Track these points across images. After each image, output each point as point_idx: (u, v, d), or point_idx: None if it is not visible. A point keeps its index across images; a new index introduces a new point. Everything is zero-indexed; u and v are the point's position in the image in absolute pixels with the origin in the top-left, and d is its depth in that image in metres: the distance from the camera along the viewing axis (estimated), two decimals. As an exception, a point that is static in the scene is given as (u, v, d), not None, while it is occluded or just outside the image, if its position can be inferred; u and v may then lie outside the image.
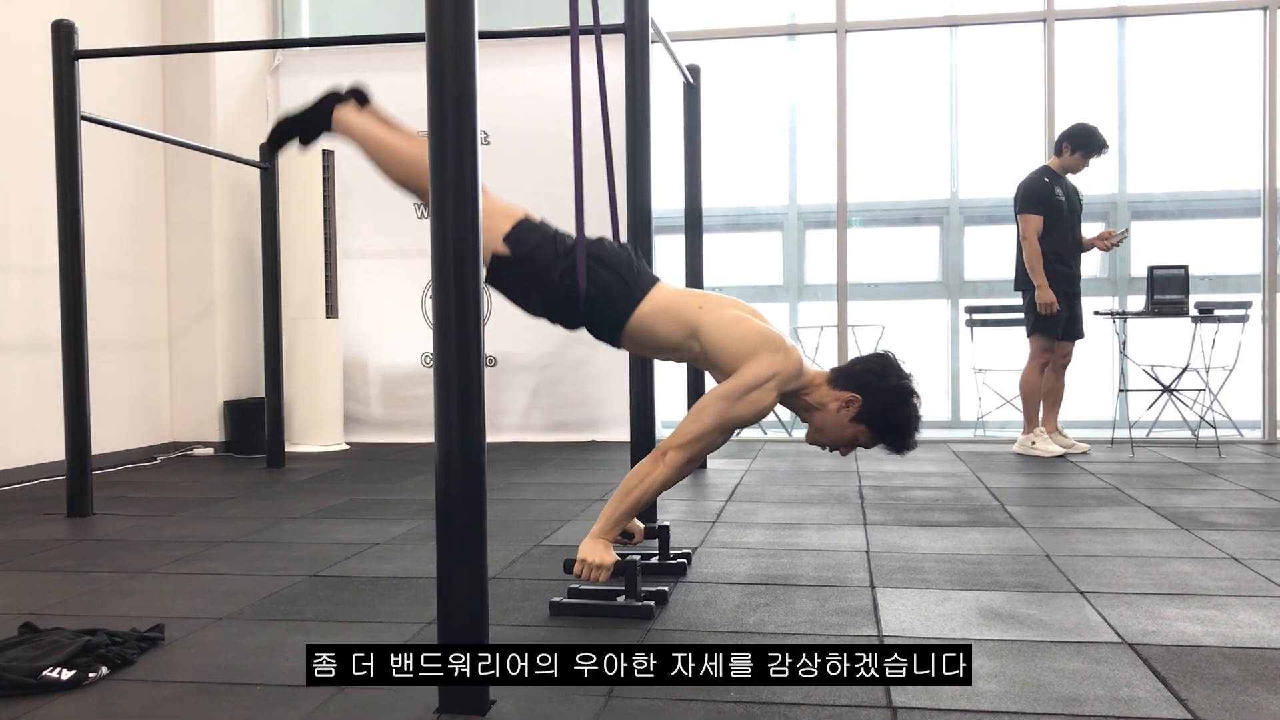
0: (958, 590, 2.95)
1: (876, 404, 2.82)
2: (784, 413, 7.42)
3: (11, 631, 2.54)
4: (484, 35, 2.12)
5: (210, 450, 6.62)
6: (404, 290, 7.05)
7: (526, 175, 6.52)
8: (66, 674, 2.22)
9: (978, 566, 3.24)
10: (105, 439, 5.76)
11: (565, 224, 2.98)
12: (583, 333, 6.45)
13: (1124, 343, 6.34)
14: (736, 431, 2.92)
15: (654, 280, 2.95)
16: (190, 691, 2.20)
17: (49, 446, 5.40)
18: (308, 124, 3.07)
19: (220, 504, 4.66)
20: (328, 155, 6.65)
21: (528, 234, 2.86)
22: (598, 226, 3.04)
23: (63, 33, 4.35)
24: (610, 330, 2.92)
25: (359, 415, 7.13)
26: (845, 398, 2.84)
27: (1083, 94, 7.07)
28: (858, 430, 2.86)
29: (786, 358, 2.79)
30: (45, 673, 2.22)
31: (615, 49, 4.22)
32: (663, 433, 6.91)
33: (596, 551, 2.75)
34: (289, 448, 6.40)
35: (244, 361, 6.90)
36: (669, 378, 5.74)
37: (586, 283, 2.83)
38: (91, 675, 2.25)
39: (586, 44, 3.09)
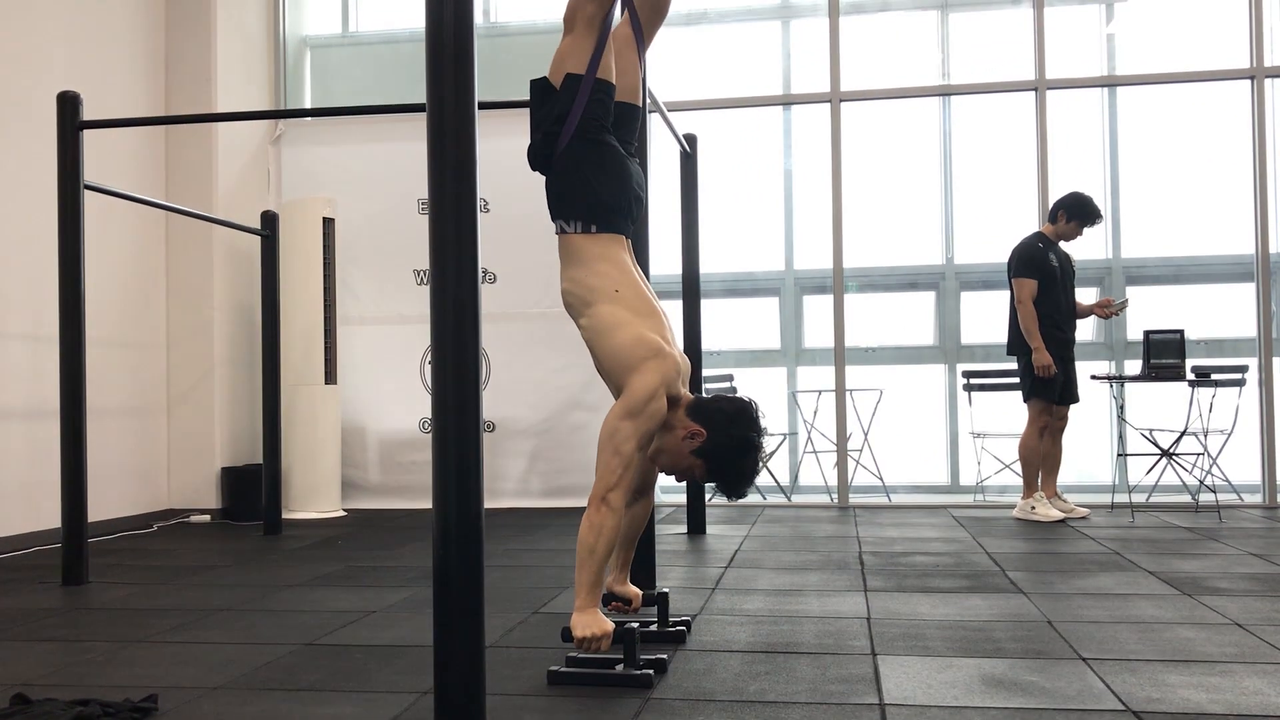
0: (960, 657, 2.92)
1: (717, 446, 2.86)
2: (784, 478, 7.40)
3: (3, 702, 2.51)
4: (484, 105, 2.15)
5: (207, 517, 6.59)
6: (403, 356, 7.07)
7: (525, 245, 6.57)
8: (58, 745, 2.19)
9: (979, 633, 3.21)
10: (102, 506, 5.73)
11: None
12: (584, 397, 6.46)
13: (1122, 407, 6.34)
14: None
15: (619, 235, 3.01)
16: (183, 763, 2.17)
17: (45, 513, 5.37)
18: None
19: (216, 571, 4.63)
20: (328, 223, 6.71)
21: (582, 92, 2.92)
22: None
23: (68, 104, 4.41)
24: (554, 212, 3.02)
25: (357, 481, 7.10)
26: (692, 429, 2.87)
27: (1075, 160, 7.16)
28: (694, 463, 2.90)
29: (667, 362, 2.84)
30: (36, 744, 2.19)
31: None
32: (662, 498, 6.92)
33: (590, 624, 2.72)
34: (286, 514, 6.37)
35: (242, 428, 6.90)
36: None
37: (567, 157, 2.95)
38: (83, 747, 2.22)
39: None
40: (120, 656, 3.09)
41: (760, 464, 2.92)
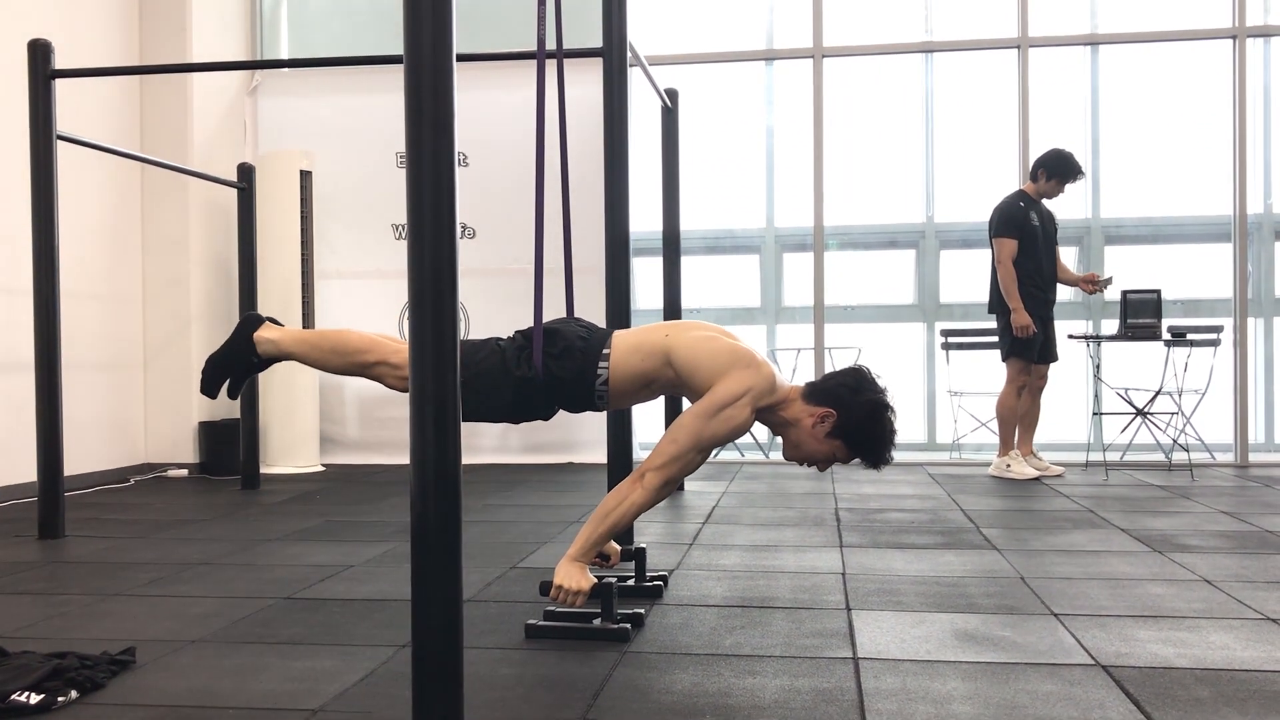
0: (933, 612, 2.96)
1: (852, 419, 2.81)
2: (761, 434, 7.43)
3: (-20, 655, 2.51)
4: (462, 58, 2.13)
5: (184, 472, 6.57)
6: (381, 311, 7.03)
7: (504, 197, 6.54)
8: (35, 698, 2.20)
9: (953, 589, 3.25)
10: (78, 460, 5.71)
11: (549, 248, 2.97)
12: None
13: (1098, 366, 6.39)
14: (716, 451, 2.91)
15: (609, 332, 2.95)
16: (161, 715, 2.18)
17: (21, 467, 5.34)
18: (233, 355, 3.09)
19: (194, 526, 4.63)
20: (306, 176, 6.65)
21: (468, 354, 2.84)
22: (577, 251, 3.04)
23: (39, 52, 4.34)
24: (585, 392, 2.87)
25: (335, 436, 7.09)
26: (820, 413, 2.82)
27: (1056, 119, 7.15)
28: (834, 445, 2.84)
29: (759, 373, 2.78)
30: (13, 696, 2.19)
31: (594, 72, 4.24)
32: (640, 455, 6.94)
33: (573, 576, 2.73)
34: (264, 469, 6.36)
35: (219, 382, 6.85)
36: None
37: (549, 358, 2.83)
38: (61, 699, 2.23)
39: (569, 67, 3.09)
40: (98, 610, 3.09)
41: (895, 423, 2.85)
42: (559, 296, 3.28)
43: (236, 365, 3.11)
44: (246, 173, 5.88)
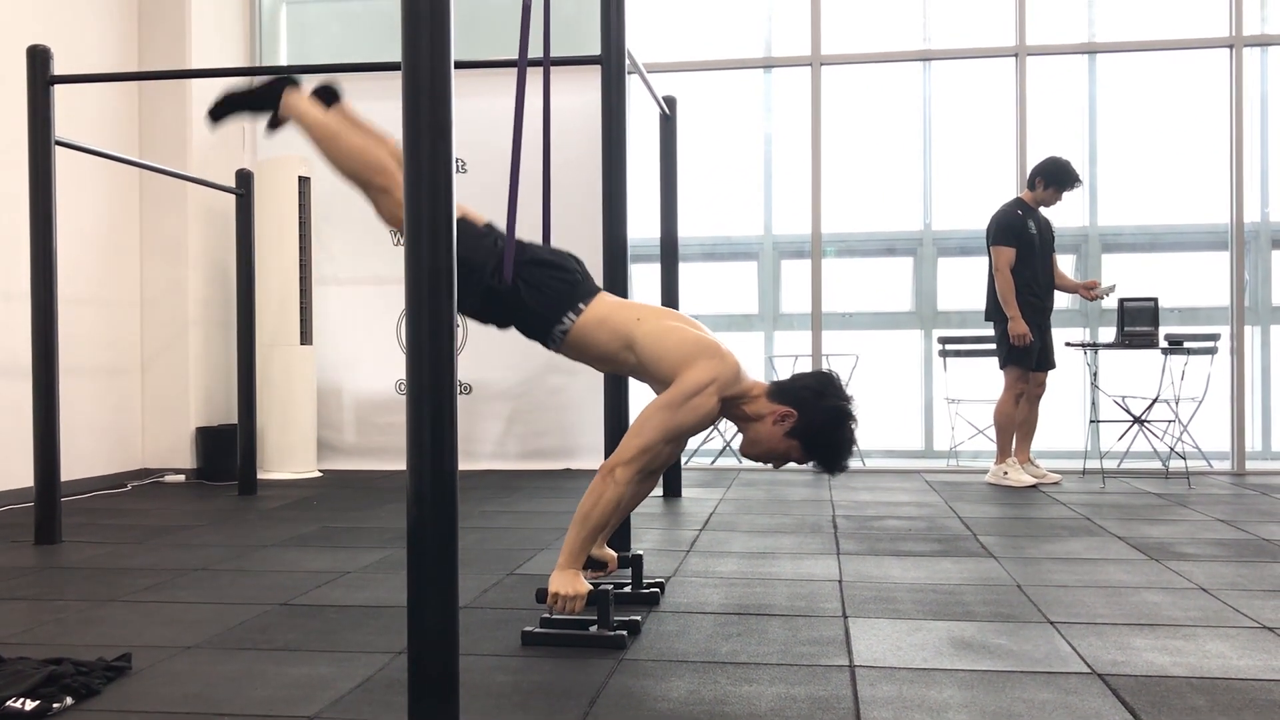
0: (929, 620, 2.96)
1: (812, 422, 2.83)
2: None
3: (-25, 660, 2.50)
4: (460, 64, 2.13)
5: (181, 477, 6.57)
6: (378, 317, 7.04)
7: (500, 203, 6.53)
8: (30, 704, 2.20)
9: (950, 596, 3.25)
10: (75, 465, 5.70)
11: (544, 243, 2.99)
12: (561, 360, 6.42)
13: (1095, 374, 6.40)
14: (684, 442, 2.92)
15: (597, 290, 2.96)
16: (157, 721, 2.18)
17: (17, 472, 5.33)
18: (255, 100, 3.11)
19: (191, 531, 4.62)
20: (304, 182, 6.65)
21: (464, 234, 2.81)
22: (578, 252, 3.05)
23: (38, 58, 4.34)
24: (543, 330, 2.90)
25: (332, 442, 7.09)
26: (781, 412, 2.84)
27: (1054, 127, 7.17)
28: (791, 445, 2.86)
29: (724, 363, 2.80)
30: (8, 703, 2.19)
31: (592, 80, 4.25)
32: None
33: (567, 583, 2.73)
34: (261, 475, 6.35)
35: (217, 388, 6.86)
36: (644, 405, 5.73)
37: (522, 283, 2.85)
38: (56, 706, 2.23)
39: (563, 75, 3.11)
40: (94, 616, 3.09)
41: (855, 432, 2.88)
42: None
43: (253, 108, 3.14)
44: (245, 178, 5.88)
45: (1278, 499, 5.41)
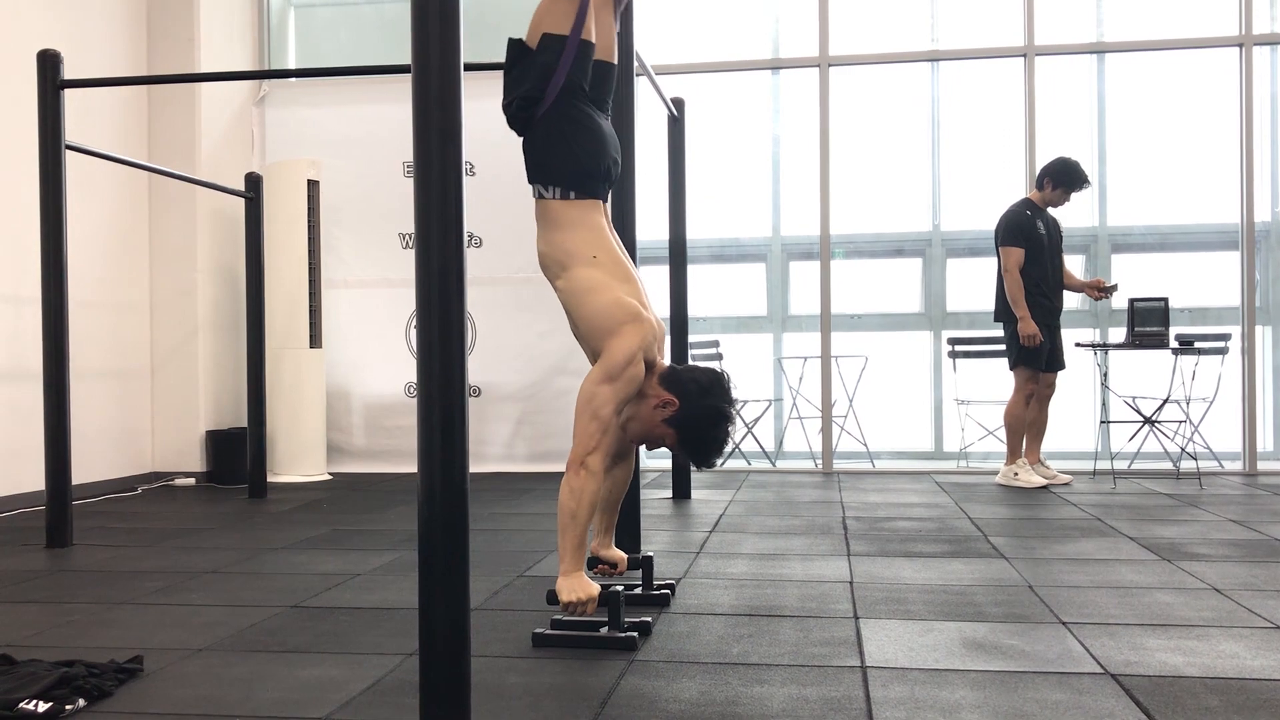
0: (941, 621, 2.95)
1: (690, 416, 2.86)
2: (769, 444, 7.43)
3: (-12, 663, 2.51)
4: (469, 67, 2.13)
5: (192, 480, 6.58)
6: (388, 320, 7.05)
7: (511, 207, 6.54)
8: (43, 706, 2.20)
9: (961, 597, 3.24)
10: (86, 469, 5.72)
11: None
12: (569, 363, 6.42)
13: (1105, 374, 6.38)
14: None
15: (598, 202, 2.98)
16: (169, 724, 2.18)
17: (28, 476, 5.35)
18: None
19: (201, 534, 4.63)
20: (313, 185, 6.66)
21: (566, 54, 2.87)
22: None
23: (49, 62, 4.36)
24: (531, 167, 2.98)
25: (342, 445, 7.10)
26: (665, 398, 2.86)
27: (1063, 127, 7.15)
28: (666, 432, 2.90)
29: (645, 326, 2.84)
30: (21, 705, 2.19)
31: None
32: (647, 463, 6.93)
33: (577, 586, 2.72)
34: (271, 478, 6.36)
35: (226, 391, 6.88)
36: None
37: (550, 119, 2.89)
38: (69, 707, 2.23)
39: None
40: (105, 618, 3.09)
41: (731, 436, 2.93)
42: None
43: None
44: (254, 182, 5.90)
45: (1290, 499, 5.39)
